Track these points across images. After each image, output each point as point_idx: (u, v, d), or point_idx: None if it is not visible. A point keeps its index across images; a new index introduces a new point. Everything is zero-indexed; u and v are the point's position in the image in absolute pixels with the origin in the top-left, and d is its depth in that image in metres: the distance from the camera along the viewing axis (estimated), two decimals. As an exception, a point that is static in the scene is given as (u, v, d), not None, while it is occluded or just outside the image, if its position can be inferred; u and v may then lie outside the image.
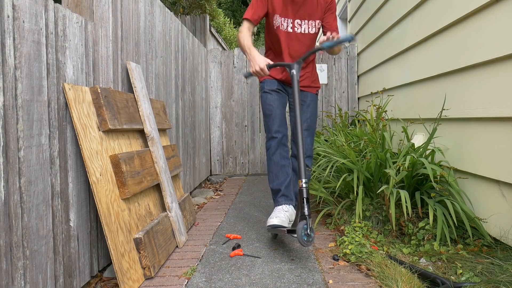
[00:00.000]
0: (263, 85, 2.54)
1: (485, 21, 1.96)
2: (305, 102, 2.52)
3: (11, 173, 1.21)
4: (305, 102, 2.52)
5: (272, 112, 2.43)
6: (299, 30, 2.42)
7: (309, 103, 2.52)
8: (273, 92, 2.48)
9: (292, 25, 2.42)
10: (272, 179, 2.43)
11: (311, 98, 2.53)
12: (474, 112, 2.06)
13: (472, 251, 1.91)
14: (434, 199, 2.11)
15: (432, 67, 2.54)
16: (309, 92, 2.53)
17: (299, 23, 2.41)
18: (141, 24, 2.37)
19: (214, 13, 8.36)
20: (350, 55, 4.78)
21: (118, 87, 2.03)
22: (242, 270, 1.88)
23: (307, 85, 2.53)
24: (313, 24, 2.43)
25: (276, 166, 2.41)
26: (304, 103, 2.52)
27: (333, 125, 4.33)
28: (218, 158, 4.92)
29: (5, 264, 1.17)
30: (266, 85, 2.53)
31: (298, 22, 2.41)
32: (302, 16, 2.41)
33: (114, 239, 1.61)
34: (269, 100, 2.47)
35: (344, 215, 2.46)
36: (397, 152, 2.59)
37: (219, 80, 4.88)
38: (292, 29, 2.42)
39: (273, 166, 2.43)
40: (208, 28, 5.19)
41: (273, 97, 2.47)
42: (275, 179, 2.41)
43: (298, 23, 2.41)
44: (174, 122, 3.08)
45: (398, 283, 1.59)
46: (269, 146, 2.43)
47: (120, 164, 1.74)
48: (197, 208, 3.27)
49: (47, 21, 1.42)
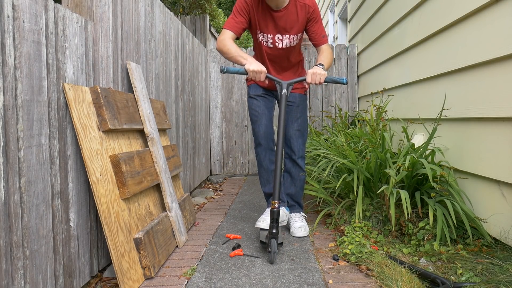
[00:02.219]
0: (249, 90, 2.57)
1: (485, 21, 1.96)
2: (294, 103, 2.51)
3: (11, 173, 1.21)
4: (294, 103, 2.51)
5: (258, 118, 2.48)
6: (281, 45, 2.39)
7: (298, 103, 2.52)
8: (259, 98, 2.51)
9: (273, 40, 2.39)
10: (264, 183, 2.56)
11: (299, 98, 2.53)
12: (474, 112, 2.06)
13: (472, 251, 1.91)
14: (434, 199, 2.11)
15: (432, 67, 2.55)
16: (297, 93, 2.53)
17: (280, 38, 2.38)
18: (141, 24, 2.37)
19: (214, 13, 8.36)
20: (350, 55, 4.77)
21: (118, 87, 2.04)
22: (242, 270, 1.88)
23: (295, 87, 2.52)
24: (295, 38, 2.40)
25: (267, 171, 2.52)
26: (293, 104, 2.51)
27: (333, 125, 4.33)
28: (218, 158, 4.92)
29: (5, 264, 1.17)
30: (251, 90, 2.55)
31: (279, 37, 2.38)
32: (282, 31, 2.37)
33: (114, 239, 1.61)
34: (254, 106, 2.50)
35: (344, 215, 2.46)
36: (397, 152, 2.59)
37: (219, 80, 4.88)
38: (272, 45, 2.40)
39: (263, 172, 2.53)
40: (208, 28, 5.19)
41: (258, 102, 2.50)
42: (267, 183, 2.54)
43: (279, 38, 2.38)
44: (174, 122, 3.09)
45: (398, 283, 1.59)
46: (258, 153, 2.52)
47: (120, 164, 1.74)
48: (197, 208, 3.27)
49: (47, 21, 1.42)
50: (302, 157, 2.54)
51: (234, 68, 2.21)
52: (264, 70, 2.18)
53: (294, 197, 2.57)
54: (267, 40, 2.39)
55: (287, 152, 2.54)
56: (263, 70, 2.17)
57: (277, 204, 2.06)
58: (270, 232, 2.02)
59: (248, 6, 2.34)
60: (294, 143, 2.50)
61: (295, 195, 2.57)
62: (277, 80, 2.25)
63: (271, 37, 2.38)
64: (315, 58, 4.80)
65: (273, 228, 2.02)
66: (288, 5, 2.32)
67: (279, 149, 2.14)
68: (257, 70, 2.16)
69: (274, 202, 2.06)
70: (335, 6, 6.62)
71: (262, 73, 2.17)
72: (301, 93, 2.54)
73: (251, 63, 2.17)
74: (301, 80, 2.29)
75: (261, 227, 2.26)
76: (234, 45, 2.26)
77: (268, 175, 2.51)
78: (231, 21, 2.33)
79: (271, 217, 2.04)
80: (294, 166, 2.54)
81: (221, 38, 2.29)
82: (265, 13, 2.34)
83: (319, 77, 2.20)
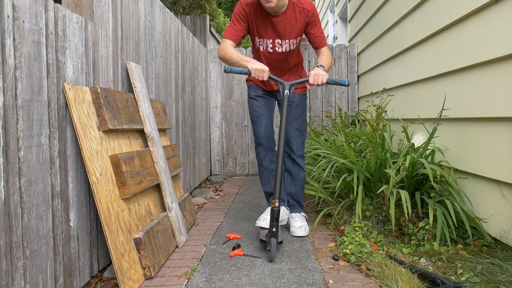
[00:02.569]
0: (249, 91, 2.60)
1: (485, 21, 1.96)
2: (293, 103, 2.53)
3: (11, 173, 1.21)
4: (293, 102, 2.53)
5: (258, 118, 2.51)
6: (280, 50, 2.41)
7: (297, 103, 2.54)
8: (259, 98, 2.53)
9: (273, 45, 2.40)
10: (264, 183, 2.59)
11: (299, 98, 2.55)
12: (474, 112, 2.06)
13: (472, 251, 1.91)
14: (434, 199, 2.11)
15: (432, 67, 2.55)
16: (297, 93, 2.55)
17: (279, 43, 2.39)
18: (141, 24, 2.37)
19: (214, 13, 8.35)
20: (350, 55, 4.77)
21: (118, 87, 2.04)
22: (242, 270, 1.88)
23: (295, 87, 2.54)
24: (294, 42, 2.41)
25: (267, 171, 2.56)
26: (292, 103, 2.53)
27: (333, 125, 4.33)
28: (218, 158, 4.92)
29: (5, 264, 1.17)
30: (251, 91, 2.58)
31: (278, 42, 2.39)
32: (282, 36, 2.37)
33: (114, 239, 1.61)
34: (254, 106, 2.53)
35: (344, 215, 2.46)
36: (397, 152, 2.59)
37: (219, 80, 4.88)
38: (272, 49, 2.41)
39: (263, 171, 2.57)
40: (208, 28, 5.19)
41: (259, 103, 2.53)
42: (267, 183, 2.58)
43: (278, 43, 2.39)
44: (174, 122, 3.09)
45: (398, 283, 1.59)
46: (258, 153, 2.55)
47: (120, 164, 1.74)
48: (197, 208, 3.27)
49: (47, 21, 1.42)
50: (301, 156, 2.56)
51: (237, 68, 2.22)
52: (267, 70, 2.20)
53: (294, 196, 2.58)
54: (267, 45, 2.41)
55: (286, 151, 2.57)
56: (266, 69, 2.19)
57: (277, 203, 2.08)
58: (270, 231, 2.05)
59: (246, 13, 2.35)
60: (294, 142, 2.53)
61: (296, 194, 2.58)
62: (280, 80, 2.27)
63: (271, 42, 2.39)
64: (315, 58, 4.80)
65: (273, 227, 2.05)
66: (287, 10, 2.33)
67: (280, 149, 2.16)
68: (260, 68, 2.18)
69: (274, 201, 2.09)
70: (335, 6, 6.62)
71: (265, 72, 2.19)
72: (300, 93, 2.56)
73: (254, 63, 2.19)
74: (303, 81, 2.31)
75: (261, 226, 2.30)
76: (235, 51, 2.29)
77: (269, 174, 2.53)
78: (230, 30, 2.36)
79: (271, 216, 2.07)
80: (293, 165, 2.56)
81: (222, 46, 2.33)
82: (264, 19, 2.35)
83: (321, 78, 2.22)
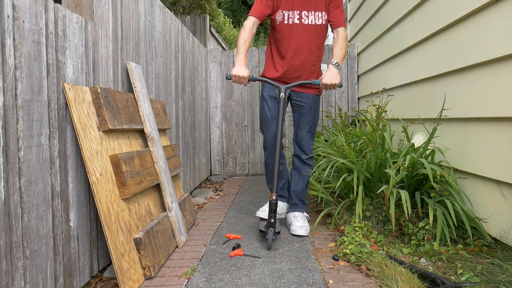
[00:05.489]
0: (263, 89, 2.62)
1: (485, 21, 1.96)
2: (306, 104, 2.54)
3: (11, 173, 1.21)
4: (306, 104, 2.54)
5: (267, 122, 2.57)
6: (307, 22, 2.44)
7: (310, 105, 2.55)
8: (270, 100, 2.55)
9: (299, 16, 2.44)
10: (269, 181, 2.70)
11: (312, 100, 2.55)
12: (474, 112, 2.06)
13: (472, 251, 1.91)
14: (434, 199, 2.11)
15: (432, 67, 2.54)
16: (311, 94, 2.55)
17: (306, 15, 2.43)
18: (141, 24, 2.37)
19: (214, 13, 8.36)
20: (350, 55, 4.77)
21: (118, 87, 2.04)
22: (242, 270, 1.88)
23: (308, 87, 2.55)
24: (320, 15, 2.45)
25: (272, 172, 2.62)
26: (306, 105, 2.54)
27: (333, 125, 4.33)
28: (218, 158, 4.92)
29: (5, 264, 1.17)
30: (265, 90, 2.59)
31: (305, 14, 2.43)
32: (308, 7, 2.43)
33: (114, 239, 1.61)
34: (266, 108, 2.57)
35: (344, 215, 2.46)
36: (397, 152, 2.59)
37: (219, 80, 4.88)
38: (299, 21, 2.44)
39: (269, 172, 2.68)
40: (208, 28, 5.19)
41: (269, 106, 2.55)
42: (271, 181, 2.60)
43: (305, 15, 2.43)
44: (174, 122, 3.09)
45: (398, 283, 1.59)
46: (265, 155, 2.65)
47: (120, 164, 1.74)
48: (197, 208, 3.27)
49: (47, 21, 1.42)
50: (312, 157, 2.63)
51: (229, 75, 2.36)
52: (246, 76, 2.29)
53: (300, 194, 2.62)
54: (294, 16, 2.44)
55: (297, 154, 2.62)
56: (245, 76, 2.29)
57: (275, 196, 2.24)
58: (269, 221, 2.21)
59: None
60: (305, 144, 2.58)
61: (301, 192, 2.62)
62: (275, 84, 2.33)
63: (298, 13, 2.44)
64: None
65: (271, 218, 2.21)
66: None
67: (277, 148, 2.24)
68: (238, 75, 2.29)
69: (272, 195, 2.25)
70: (335, 6, 6.60)
71: (243, 78, 2.29)
72: (314, 94, 2.56)
73: (236, 68, 2.30)
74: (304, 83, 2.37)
75: (261, 216, 2.54)
76: (244, 38, 2.36)
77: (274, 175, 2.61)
78: (254, 7, 2.44)
79: (269, 208, 2.23)
80: (302, 164, 2.62)
81: (243, 24, 2.42)
82: None
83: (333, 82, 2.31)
